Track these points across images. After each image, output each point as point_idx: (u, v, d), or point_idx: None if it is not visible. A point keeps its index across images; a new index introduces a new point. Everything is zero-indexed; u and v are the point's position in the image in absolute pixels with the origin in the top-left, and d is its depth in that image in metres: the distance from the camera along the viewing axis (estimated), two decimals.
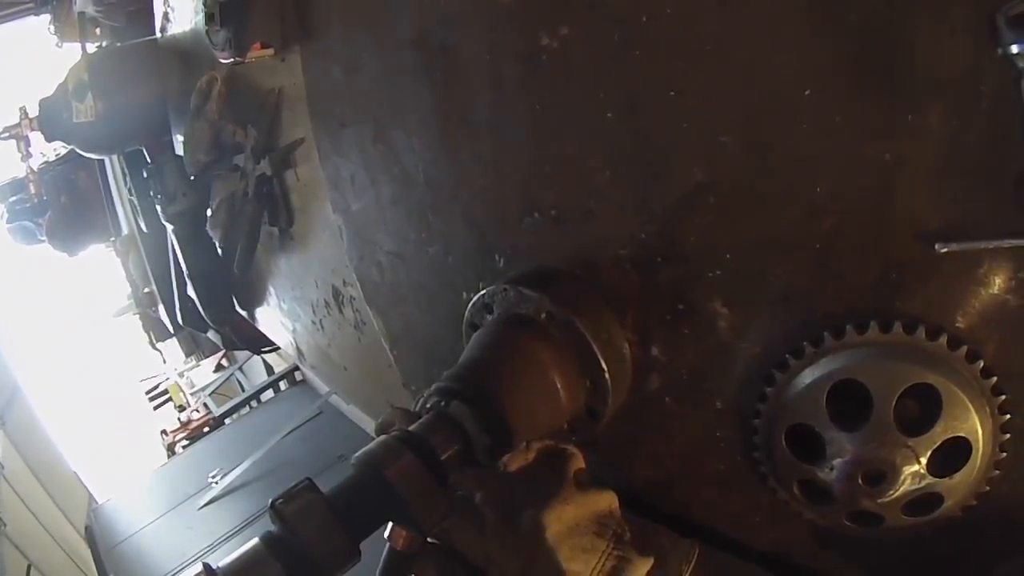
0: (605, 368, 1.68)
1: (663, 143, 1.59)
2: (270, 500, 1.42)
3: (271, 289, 3.18)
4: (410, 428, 1.56)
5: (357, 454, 1.52)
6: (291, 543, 1.38)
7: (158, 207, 3.51)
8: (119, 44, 4.68)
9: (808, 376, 1.55)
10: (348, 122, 2.25)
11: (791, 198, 1.48)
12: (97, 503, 10.98)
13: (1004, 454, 1.52)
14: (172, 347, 10.29)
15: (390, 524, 1.59)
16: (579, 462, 1.78)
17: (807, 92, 1.39)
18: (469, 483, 1.64)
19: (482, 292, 1.83)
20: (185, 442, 11.75)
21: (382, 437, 1.55)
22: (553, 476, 1.71)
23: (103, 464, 13.62)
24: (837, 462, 1.54)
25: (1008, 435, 1.51)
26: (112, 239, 6.70)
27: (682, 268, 1.65)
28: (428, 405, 1.64)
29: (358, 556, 1.43)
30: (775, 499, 1.70)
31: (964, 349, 1.47)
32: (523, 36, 1.71)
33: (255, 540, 1.40)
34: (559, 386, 1.67)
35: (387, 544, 1.74)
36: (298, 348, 3.26)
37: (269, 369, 11.40)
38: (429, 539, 1.75)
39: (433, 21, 1.90)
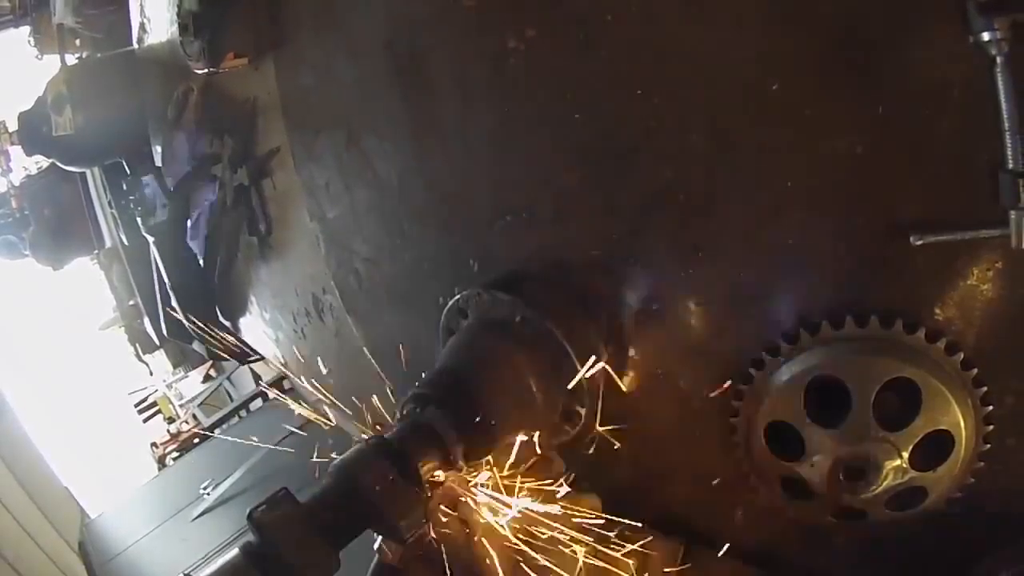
0: (580, 370, 1.67)
1: (631, 142, 1.58)
2: (247, 511, 1.42)
3: (252, 299, 3.17)
4: (386, 435, 1.56)
5: (334, 462, 1.51)
6: (270, 554, 1.38)
7: (138, 220, 3.48)
8: (98, 55, 4.66)
9: (785, 373, 1.54)
10: (321, 129, 2.24)
11: (761, 194, 1.48)
12: (89, 518, 10.93)
13: (988, 445, 1.52)
14: (159, 358, 10.25)
15: (380, 537, 1.60)
16: (559, 466, 1.77)
17: (775, 87, 1.39)
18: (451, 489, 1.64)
19: (457, 297, 1.82)
20: (175, 454, 11.71)
21: (358, 444, 1.54)
22: (535, 481, 1.71)
23: (94, 478, 13.55)
24: (817, 459, 1.54)
25: (992, 426, 1.51)
26: (95, 252, 6.67)
27: (654, 268, 1.64)
28: (404, 411, 1.63)
29: (337, 564, 1.43)
30: (757, 497, 1.70)
31: (943, 341, 1.47)
32: (490, 39, 1.69)
33: (235, 551, 1.40)
34: (535, 389, 1.65)
35: (376, 556, 1.73)
36: (282, 357, 3.25)
37: (257, 378, 11.35)
38: (417, 551, 1.74)
39: (401, 27, 1.89)
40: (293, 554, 1.38)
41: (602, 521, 1.78)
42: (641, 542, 1.80)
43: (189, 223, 3.11)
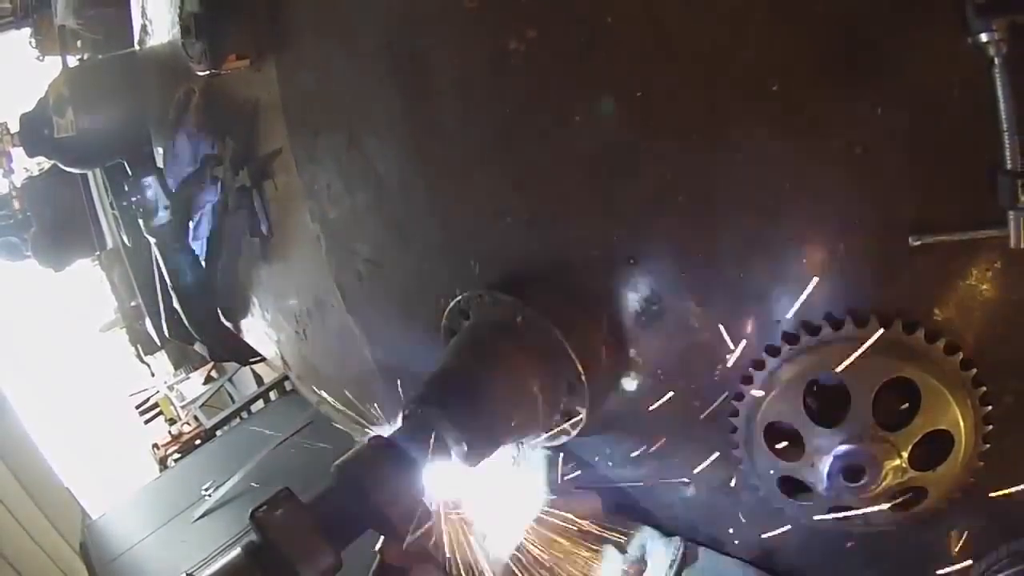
0: (581, 371, 1.67)
1: (631, 144, 1.58)
2: (250, 511, 1.43)
3: (254, 300, 3.17)
4: (388, 435, 1.56)
5: (336, 462, 1.52)
6: (272, 553, 1.39)
7: (140, 221, 3.48)
8: (99, 57, 4.66)
9: (785, 373, 1.55)
10: (322, 130, 2.24)
11: (761, 194, 1.48)
12: (91, 518, 10.90)
13: (988, 445, 1.52)
14: (161, 360, 10.24)
15: (382, 537, 1.60)
16: (559, 467, 1.77)
17: (775, 86, 1.39)
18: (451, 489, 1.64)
19: (458, 298, 1.82)
20: (177, 455, 11.69)
21: (360, 444, 1.55)
22: (534, 481, 1.71)
23: (95, 479, 13.53)
24: (817, 458, 1.54)
25: (991, 426, 1.51)
26: (97, 253, 6.67)
27: (655, 268, 1.64)
28: (406, 412, 1.63)
29: (339, 564, 1.43)
30: (757, 496, 1.70)
31: (942, 341, 1.47)
32: (490, 40, 1.69)
33: (237, 550, 1.41)
34: (536, 390, 1.66)
35: (378, 556, 1.73)
36: (284, 359, 3.24)
37: (259, 379, 11.34)
38: (418, 551, 1.74)
39: (402, 28, 1.89)
40: (295, 554, 1.39)
41: (600, 523, 1.78)
42: (641, 543, 1.81)
43: (191, 224, 3.11)
